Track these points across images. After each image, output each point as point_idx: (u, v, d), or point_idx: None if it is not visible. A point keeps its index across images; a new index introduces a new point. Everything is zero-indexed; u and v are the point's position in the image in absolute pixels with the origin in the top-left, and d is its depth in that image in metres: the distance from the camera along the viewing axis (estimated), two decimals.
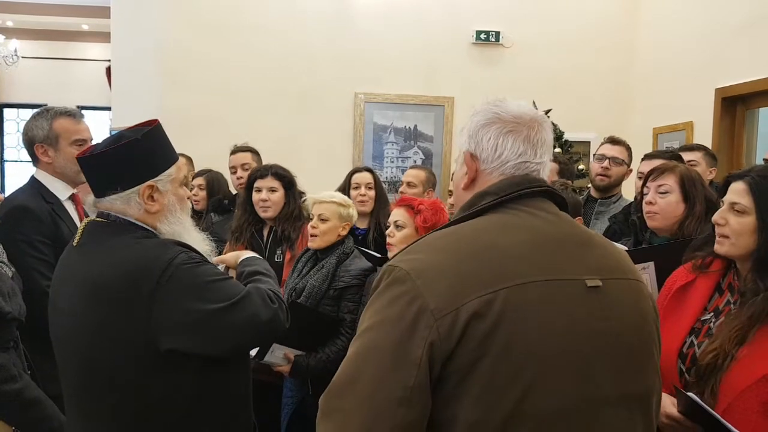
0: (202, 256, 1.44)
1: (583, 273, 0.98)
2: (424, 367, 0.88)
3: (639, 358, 1.02)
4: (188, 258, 1.36)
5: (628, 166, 3.04)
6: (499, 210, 1.03)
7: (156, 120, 1.45)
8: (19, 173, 8.67)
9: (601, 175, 2.98)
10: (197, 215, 3.23)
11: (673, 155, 2.67)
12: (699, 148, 2.92)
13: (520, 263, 0.95)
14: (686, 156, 2.80)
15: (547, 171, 1.11)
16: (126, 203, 1.40)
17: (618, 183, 3.02)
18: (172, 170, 1.46)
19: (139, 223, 1.42)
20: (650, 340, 1.05)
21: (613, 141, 3.05)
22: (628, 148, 3.04)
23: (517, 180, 1.05)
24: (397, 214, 2.27)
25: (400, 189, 3.28)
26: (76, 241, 1.44)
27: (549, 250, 0.98)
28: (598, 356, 0.95)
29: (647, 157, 2.71)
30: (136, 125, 1.46)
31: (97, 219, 1.43)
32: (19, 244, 1.99)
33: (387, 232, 2.29)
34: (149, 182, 1.41)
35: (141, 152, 1.39)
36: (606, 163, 2.97)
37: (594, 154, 3.18)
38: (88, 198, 1.47)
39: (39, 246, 2.02)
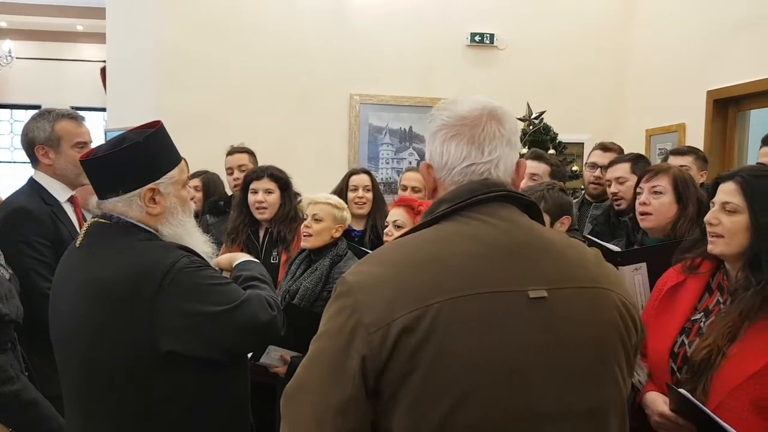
0: (204, 259, 1.45)
1: (528, 284, 0.95)
2: (359, 380, 0.91)
3: (592, 371, 0.96)
4: (190, 262, 1.37)
5: None
6: (453, 218, 1.01)
7: (159, 122, 1.45)
8: (12, 174, 8.62)
9: (594, 183, 3.01)
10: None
11: (634, 157, 2.71)
12: (689, 152, 2.91)
13: (457, 276, 0.93)
14: (677, 161, 2.81)
15: (504, 165, 1.05)
16: (128, 205, 1.41)
17: None
18: (174, 172, 1.45)
19: (142, 225, 1.43)
20: (609, 351, 0.98)
21: (604, 148, 3.06)
22: (620, 153, 3.04)
23: (474, 186, 1.02)
24: (397, 214, 2.29)
25: (405, 194, 3.21)
26: (78, 242, 1.45)
27: (493, 261, 0.95)
28: (538, 370, 0.92)
29: (612, 163, 2.76)
30: (139, 127, 1.46)
31: (100, 220, 1.44)
32: (19, 245, 2.00)
33: (386, 231, 2.30)
34: (150, 185, 1.41)
35: (143, 155, 1.40)
36: (598, 171, 2.99)
37: (585, 162, 3.20)
38: (92, 199, 1.47)
39: (39, 247, 2.02)
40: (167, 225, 1.45)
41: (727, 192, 1.53)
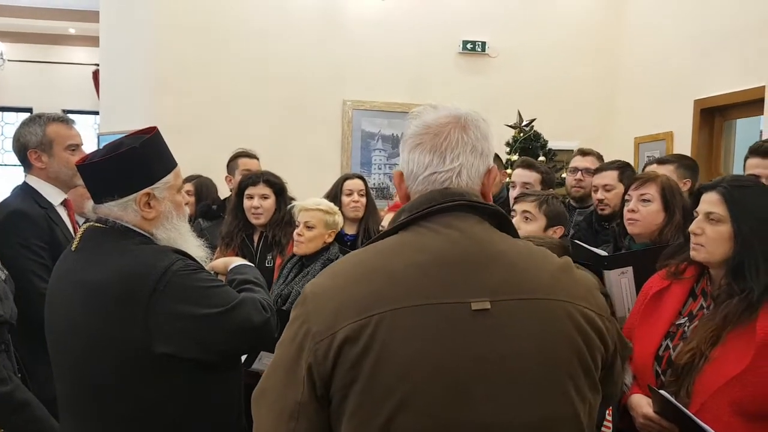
0: (198, 263, 1.47)
1: (471, 295, 0.94)
2: (308, 387, 0.95)
3: (536, 384, 0.94)
4: (185, 265, 1.39)
5: None
6: (409, 228, 1.02)
7: (155, 127, 1.47)
8: (2, 177, 8.56)
9: (576, 186, 3.09)
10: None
11: (621, 165, 2.75)
12: (672, 161, 2.88)
13: (399, 287, 0.94)
14: (660, 170, 2.83)
15: (468, 173, 1.05)
16: (123, 210, 1.42)
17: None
18: (169, 177, 1.47)
19: (137, 229, 1.44)
20: (559, 364, 0.95)
21: (582, 153, 3.17)
22: (599, 157, 3.14)
23: (434, 195, 1.03)
24: None
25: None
26: (74, 245, 1.46)
27: (437, 272, 0.96)
28: (478, 381, 0.92)
29: (598, 170, 2.83)
30: (135, 132, 1.48)
31: (96, 224, 1.45)
32: (17, 247, 2.01)
33: None
34: (146, 190, 1.43)
35: (138, 161, 1.41)
36: (579, 174, 3.07)
37: (567, 168, 3.28)
38: (88, 203, 1.49)
39: (36, 250, 2.04)
40: (162, 229, 1.46)
41: (711, 202, 1.57)
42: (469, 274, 0.96)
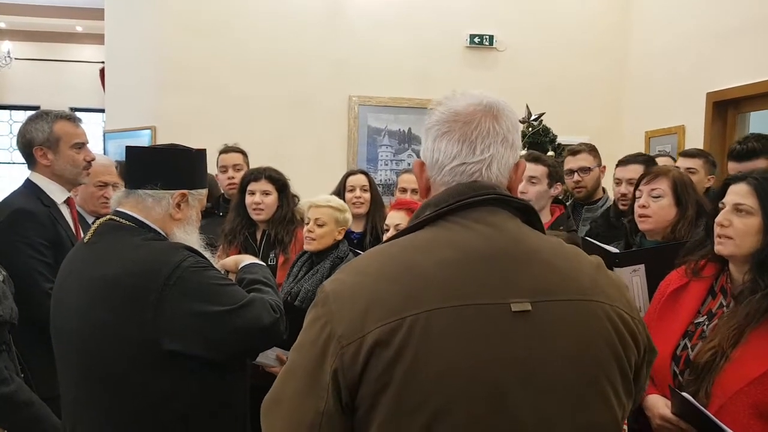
0: (209, 260, 1.48)
1: (510, 296, 0.88)
2: (332, 394, 0.87)
3: (577, 389, 0.89)
4: (196, 261, 1.39)
5: (599, 165, 3.04)
6: (437, 223, 0.95)
7: (204, 150, 1.62)
8: (11, 175, 8.60)
9: (577, 188, 3.02)
10: None
11: (647, 159, 2.66)
12: (699, 154, 2.83)
13: (435, 287, 0.88)
14: (685, 163, 2.77)
15: (498, 165, 0.98)
16: (156, 202, 1.48)
17: (597, 186, 3.03)
18: (203, 192, 1.59)
19: (153, 226, 1.47)
20: (598, 368, 0.90)
21: (573, 152, 3.07)
22: (591, 151, 3.03)
23: (461, 189, 0.96)
24: (398, 218, 2.28)
25: (405, 196, 3.19)
26: (87, 238, 1.47)
27: (474, 271, 0.89)
28: (517, 387, 0.86)
29: (621, 163, 2.70)
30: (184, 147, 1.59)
31: (112, 218, 1.47)
32: (21, 246, 2.01)
33: (387, 235, 2.29)
34: (185, 191, 1.50)
35: (189, 164, 1.54)
36: (575, 176, 2.99)
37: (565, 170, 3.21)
38: (118, 192, 1.55)
39: (40, 248, 2.04)
40: (181, 231, 1.51)
41: (740, 193, 1.52)
42: (506, 272, 0.90)
